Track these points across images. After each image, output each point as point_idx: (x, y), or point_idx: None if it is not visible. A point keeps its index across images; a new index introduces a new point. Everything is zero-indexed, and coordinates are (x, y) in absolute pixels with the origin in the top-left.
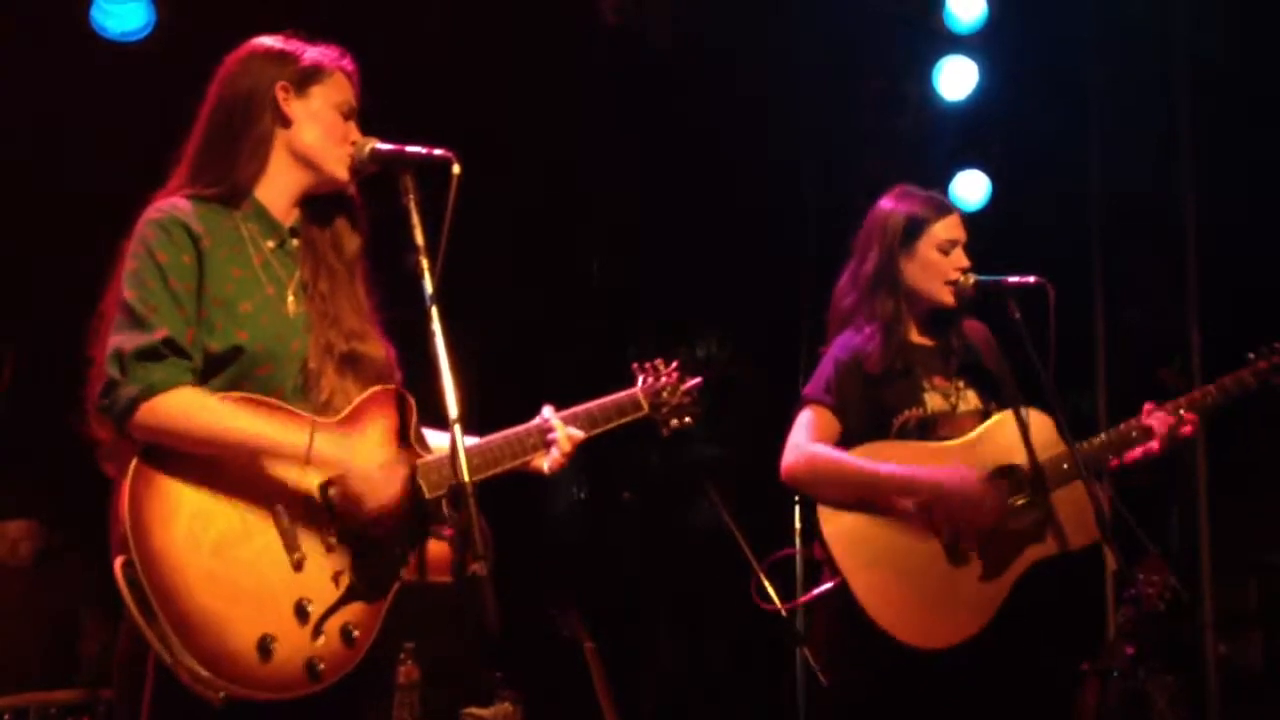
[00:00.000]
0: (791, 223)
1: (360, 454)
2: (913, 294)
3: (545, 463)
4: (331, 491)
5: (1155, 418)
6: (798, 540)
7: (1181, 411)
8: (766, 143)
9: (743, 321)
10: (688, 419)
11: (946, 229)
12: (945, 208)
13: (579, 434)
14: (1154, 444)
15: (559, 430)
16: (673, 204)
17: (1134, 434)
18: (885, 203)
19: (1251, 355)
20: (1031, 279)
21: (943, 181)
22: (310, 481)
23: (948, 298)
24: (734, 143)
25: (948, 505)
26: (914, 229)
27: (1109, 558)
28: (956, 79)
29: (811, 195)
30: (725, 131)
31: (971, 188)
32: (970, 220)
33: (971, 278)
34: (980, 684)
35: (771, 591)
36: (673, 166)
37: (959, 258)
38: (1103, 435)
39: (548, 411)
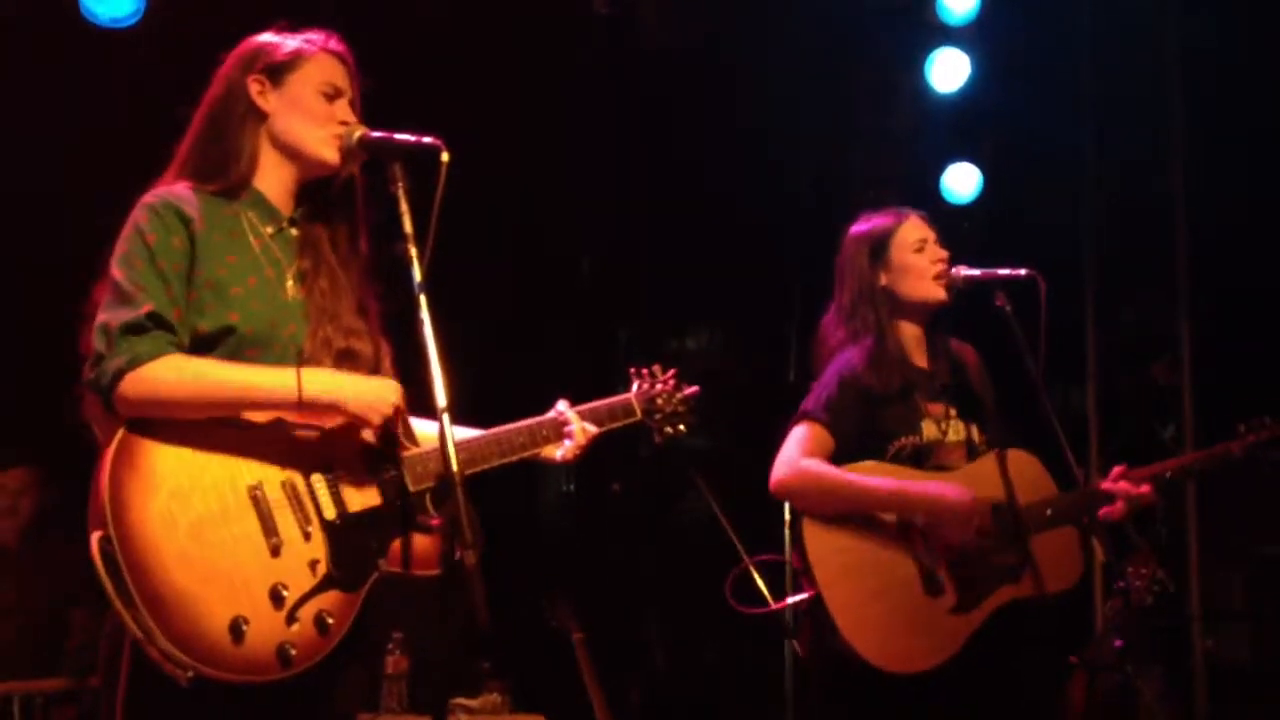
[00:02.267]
0: (783, 215)
1: (349, 379)
2: (902, 304)
3: (559, 452)
4: (338, 421)
5: (1120, 486)
6: (787, 538)
7: (1141, 484)
8: (758, 135)
9: (733, 313)
10: (682, 427)
11: (911, 230)
12: (902, 213)
13: (593, 428)
14: (1116, 508)
15: (576, 423)
16: (662, 196)
17: (1099, 498)
18: (850, 232)
19: (1241, 428)
20: (1022, 271)
21: (934, 174)
22: (293, 466)
23: (939, 292)
24: (725, 135)
25: (937, 518)
26: (879, 242)
27: (1097, 551)
28: (948, 71)
29: (803, 187)
30: (716, 123)
31: (963, 181)
32: (961, 213)
33: (961, 269)
34: (950, 711)
35: (761, 585)
36: (663, 159)
37: (935, 251)
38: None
39: (563, 405)
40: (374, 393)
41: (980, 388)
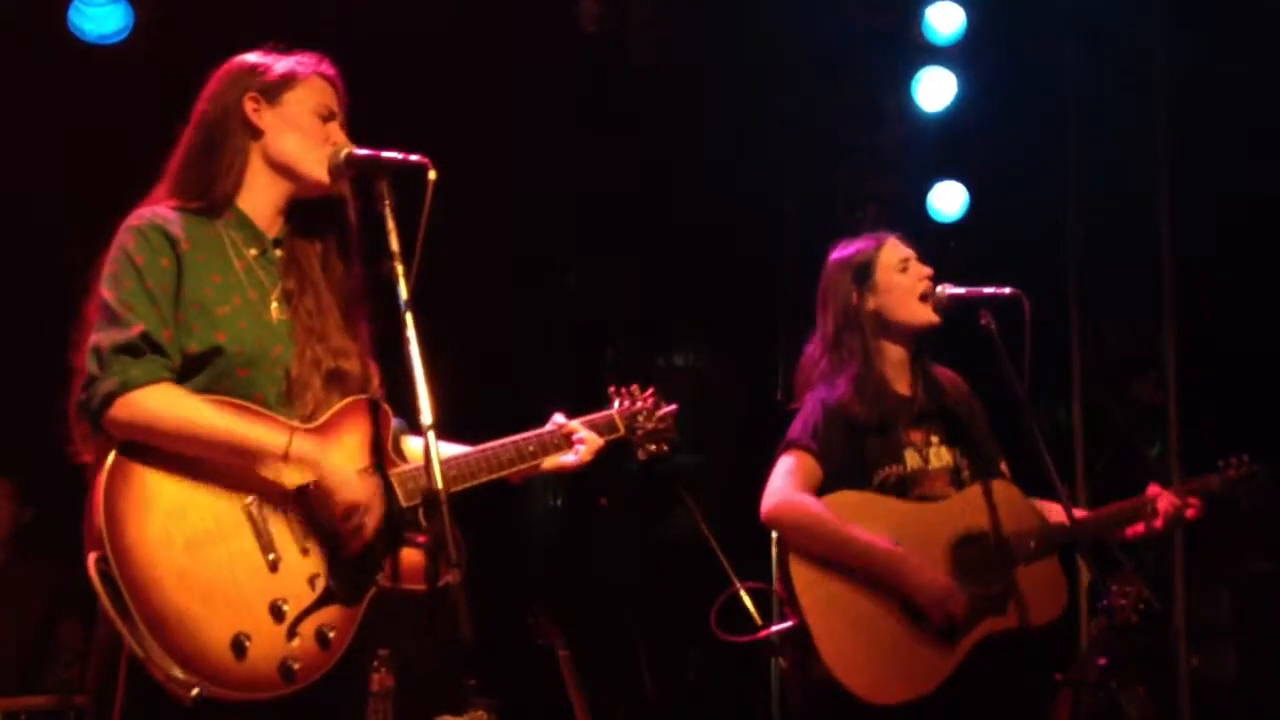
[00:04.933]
0: (770, 233)
1: (336, 456)
2: (889, 326)
3: (572, 457)
4: (310, 490)
5: (1164, 499)
6: (774, 561)
7: (1188, 496)
8: (746, 153)
9: (720, 330)
10: (664, 445)
11: (892, 251)
12: (881, 236)
13: (598, 439)
14: (1158, 522)
15: (583, 431)
16: (651, 213)
17: (1148, 509)
18: (829, 260)
19: (1221, 463)
20: (1007, 290)
21: (921, 193)
22: (289, 484)
23: (929, 315)
24: (713, 153)
25: (916, 600)
26: (863, 267)
27: (1082, 569)
28: (935, 90)
29: (790, 205)
30: (704, 142)
31: (949, 199)
32: (948, 232)
33: (946, 288)
34: None
35: (751, 608)
36: (652, 176)
37: (919, 269)
38: (1110, 508)
39: (560, 418)
40: (354, 488)
41: (965, 412)
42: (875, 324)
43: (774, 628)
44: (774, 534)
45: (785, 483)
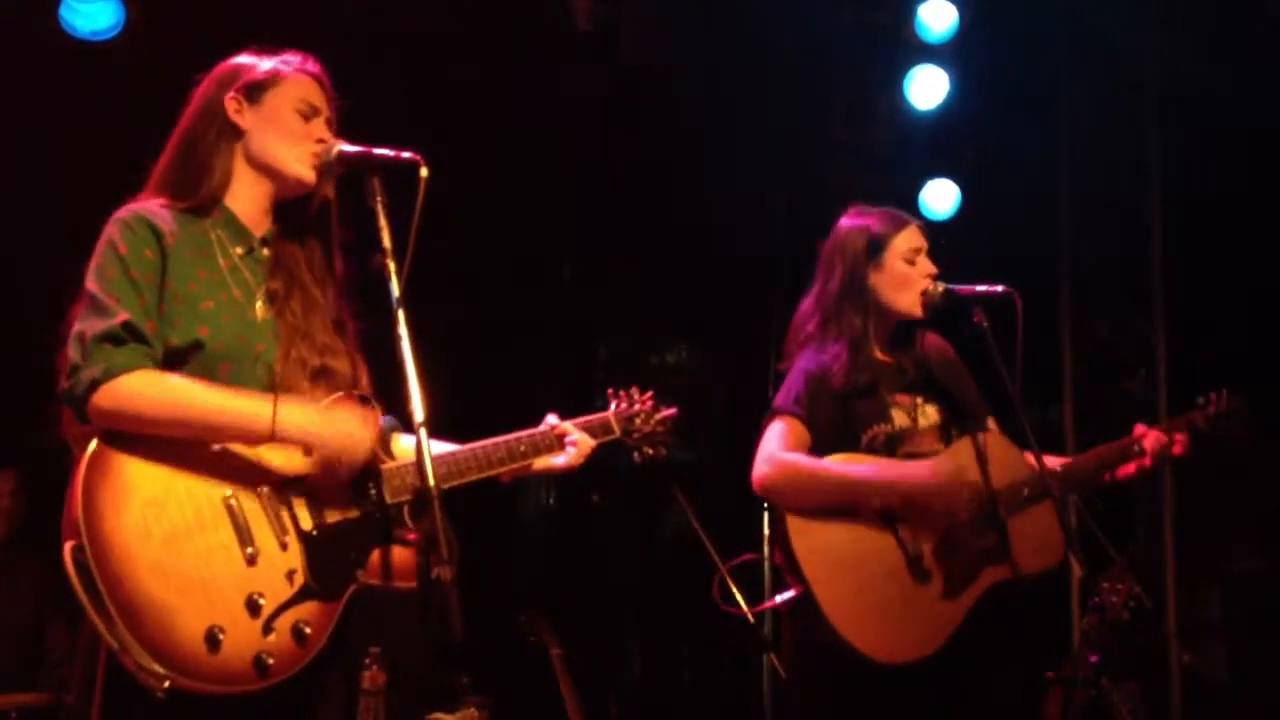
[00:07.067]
0: (761, 230)
1: (327, 419)
2: (882, 308)
3: (563, 459)
4: (311, 458)
5: (1150, 437)
6: (765, 545)
7: (1174, 433)
8: (737, 151)
9: (712, 327)
10: (660, 449)
11: (908, 239)
12: (903, 219)
13: (590, 441)
14: (1146, 460)
15: (575, 432)
16: (644, 211)
17: (1135, 449)
18: (843, 222)
19: (1201, 400)
20: (999, 288)
21: (912, 191)
22: (269, 476)
23: (916, 311)
24: (705, 150)
25: (926, 499)
26: (877, 244)
27: (1074, 566)
28: (927, 89)
29: (781, 203)
30: (696, 139)
31: (941, 197)
32: (939, 230)
33: (940, 286)
34: (940, 701)
35: (738, 595)
36: (644, 173)
37: (925, 265)
38: (1097, 450)
39: (553, 419)
40: (347, 444)
41: (950, 374)
42: (871, 299)
43: (778, 597)
44: (765, 515)
45: (774, 446)
